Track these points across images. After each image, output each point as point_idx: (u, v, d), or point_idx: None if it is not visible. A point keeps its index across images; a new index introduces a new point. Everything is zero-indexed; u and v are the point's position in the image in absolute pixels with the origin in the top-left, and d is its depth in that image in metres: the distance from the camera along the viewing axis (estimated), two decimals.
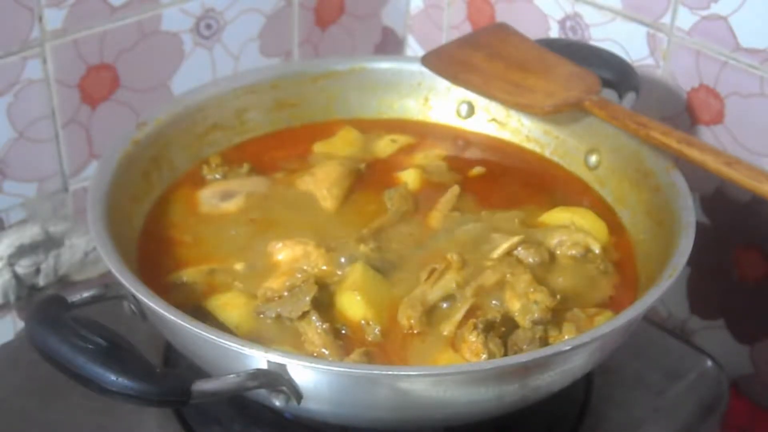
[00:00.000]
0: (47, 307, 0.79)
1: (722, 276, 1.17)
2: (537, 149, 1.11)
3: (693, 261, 0.87)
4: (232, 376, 0.76)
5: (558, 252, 0.96)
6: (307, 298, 0.86)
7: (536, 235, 0.97)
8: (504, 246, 0.94)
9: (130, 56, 1.13)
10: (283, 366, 0.76)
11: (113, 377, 0.73)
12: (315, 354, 0.84)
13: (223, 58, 1.22)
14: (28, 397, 0.96)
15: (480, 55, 1.12)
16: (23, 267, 1.14)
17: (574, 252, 0.95)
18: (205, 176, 1.04)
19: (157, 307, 0.80)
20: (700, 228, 0.90)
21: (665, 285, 0.84)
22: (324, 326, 0.85)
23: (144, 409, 0.91)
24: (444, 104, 1.14)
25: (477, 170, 1.08)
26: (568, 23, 1.22)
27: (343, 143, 1.10)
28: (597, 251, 0.95)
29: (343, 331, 0.87)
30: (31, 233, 1.13)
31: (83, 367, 0.73)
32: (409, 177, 1.05)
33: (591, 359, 0.85)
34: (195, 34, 1.18)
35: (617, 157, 1.04)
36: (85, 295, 0.83)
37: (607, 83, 1.05)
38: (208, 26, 1.19)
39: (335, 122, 1.13)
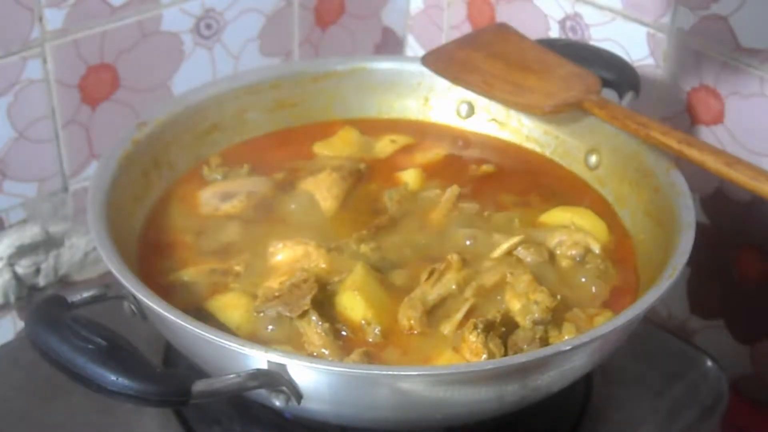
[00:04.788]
0: (47, 307, 0.79)
1: (722, 276, 1.17)
2: (537, 149, 1.11)
3: (693, 261, 0.87)
4: (232, 376, 0.76)
5: (558, 252, 0.96)
6: (308, 297, 0.86)
7: (536, 235, 0.97)
8: (504, 246, 0.94)
9: (130, 56, 1.13)
10: (283, 366, 0.76)
11: (113, 377, 0.73)
12: (315, 354, 0.84)
13: (223, 58, 1.22)
14: (28, 397, 0.96)
15: (480, 55, 1.12)
16: (23, 267, 1.14)
17: (574, 252, 0.95)
18: (205, 176, 1.04)
19: (157, 308, 0.80)
20: (700, 228, 0.90)
21: (665, 285, 0.84)
22: (324, 326, 0.85)
23: (144, 409, 0.91)
24: (444, 104, 1.14)
25: (486, 167, 1.08)
26: (568, 23, 1.22)
27: (343, 143, 1.10)
28: (597, 251, 0.95)
29: (343, 332, 0.87)
30: (31, 233, 1.13)
31: (83, 367, 0.73)
32: (410, 177, 1.05)
33: (591, 359, 0.85)
34: (195, 34, 1.18)
35: (617, 157, 1.04)
36: (85, 295, 0.83)
37: (607, 83, 1.05)
38: (208, 26, 1.19)
39: (335, 122, 1.13)
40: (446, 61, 1.13)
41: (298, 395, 0.78)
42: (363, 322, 0.87)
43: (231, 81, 1.11)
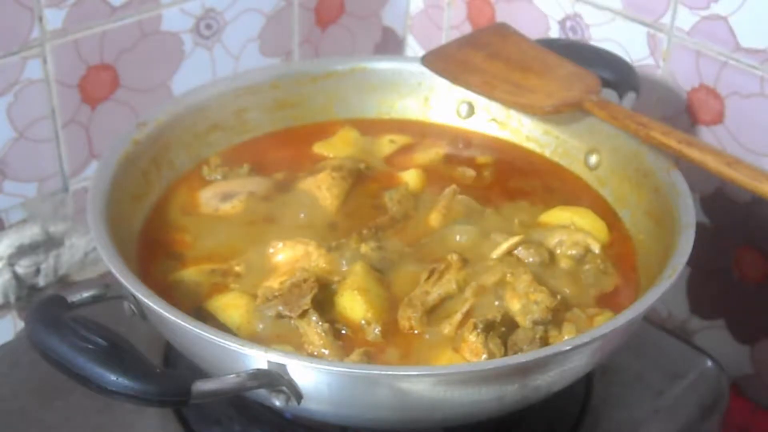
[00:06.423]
0: (47, 307, 0.79)
1: (722, 276, 1.17)
2: (537, 149, 1.11)
3: (693, 261, 0.87)
4: (232, 376, 0.76)
5: (558, 252, 0.96)
6: (308, 297, 0.86)
7: (536, 235, 0.97)
8: (504, 246, 0.94)
9: (130, 56, 1.13)
10: (283, 366, 0.76)
11: (113, 377, 0.73)
12: (315, 354, 0.84)
13: (223, 58, 1.22)
14: (28, 397, 0.96)
15: (480, 55, 1.12)
16: (23, 267, 1.14)
17: (573, 252, 0.95)
18: (205, 176, 1.04)
19: (157, 308, 0.80)
20: (700, 228, 0.90)
21: (665, 285, 0.84)
22: (324, 326, 0.85)
23: (144, 409, 0.91)
24: (444, 104, 1.14)
25: (480, 159, 1.08)
26: (568, 23, 1.22)
27: (343, 143, 1.10)
28: (597, 251, 0.95)
29: (343, 331, 0.87)
30: (31, 233, 1.13)
31: (83, 367, 0.74)
32: (410, 177, 1.05)
33: (591, 359, 0.85)
34: (195, 34, 1.18)
35: (617, 157, 1.04)
36: (85, 295, 0.83)
37: (607, 83, 1.05)
38: (208, 26, 1.19)
39: (335, 122, 1.13)
40: (446, 61, 1.13)
41: (298, 395, 0.78)
42: (363, 322, 0.87)
43: (231, 81, 1.11)
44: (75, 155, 1.14)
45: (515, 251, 0.94)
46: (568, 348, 0.79)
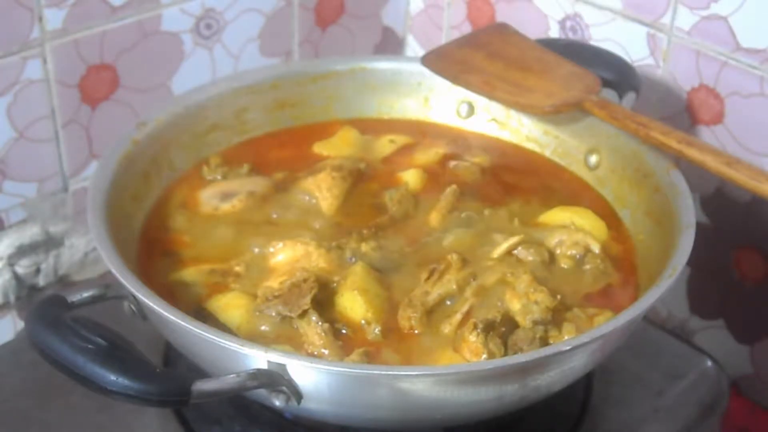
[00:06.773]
0: (47, 307, 0.79)
1: (722, 276, 1.17)
2: (537, 149, 1.11)
3: (693, 261, 0.87)
4: (232, 376, 0.76)
5: (558, 252, 0.96)
6: (308, 297, 0.86)
7: (536, 235, 0.97)
8: (504, 246, 0.94)
9: (130, 56, 1.13)
10: (283, 366, 0.76)
11: (113, 377, 0.73)
12: (315, 354, 0.84)
13: (223, 58, 1.22)
14: (28, 397, 0.96)
15: (480, 55, 1.12)
16: (23, 267, 1.14)
17: (573, 252, 0.95)
18: (205, 176, 1.04)
19: (157, 308, 0.80)
20: (700, 228, 0.90)
21: (665, 285, 0.84)
22: (324, 326, 0.85)
23: (144, 409, 0.91)
24: (444, 104, 1.14)
25: (480, 159, 1.08)
26: (568, 23, 1.22)
27: (343, 143, 1.10)
28: (596, 251, 0.95)
29: (343, 331, 0.87)
30: (31, 233, 1.13)
31: (83, 367, 0.74)
32: (410, 177, 1.05)
33: (591, 359, 0.85)
34: (195, 34, 1.18)
35: (617, 157, 1.04)
36: (85, 295, 0.83)
37: (607, 83, 1.05)
38: (208, 26, 1.19)
39: (335, 122, 1.13)
40: (446, 61, 1.13)
41: (298, 395, 0.78)
42: (363, 322, 0.87)
43: (231, 81, 1.11)
44: (75, 155, 1.14)
45: (515, 251, 0.94)
46: (568, 348, 0.79)
